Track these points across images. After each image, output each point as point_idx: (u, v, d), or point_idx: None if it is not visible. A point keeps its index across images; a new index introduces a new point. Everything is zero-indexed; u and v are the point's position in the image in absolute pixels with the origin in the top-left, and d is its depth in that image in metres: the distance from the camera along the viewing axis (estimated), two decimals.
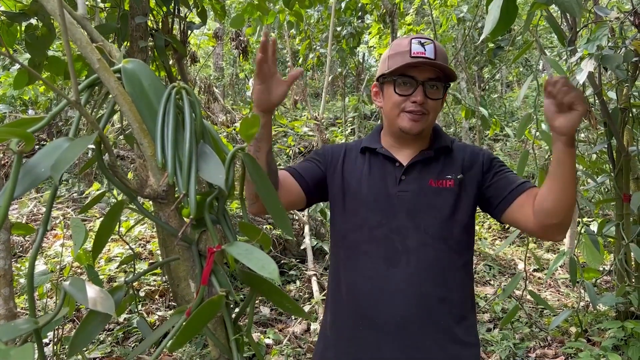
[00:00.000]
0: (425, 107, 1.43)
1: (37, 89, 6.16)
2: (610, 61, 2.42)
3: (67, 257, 4.14)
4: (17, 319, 0.82)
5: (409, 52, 1.43)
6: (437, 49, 1.43)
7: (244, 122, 0.98)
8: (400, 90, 1.45)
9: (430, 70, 1.42)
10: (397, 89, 1.45)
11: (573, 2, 1.57)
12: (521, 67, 13.00)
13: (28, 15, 2.41)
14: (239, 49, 7.42)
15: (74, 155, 0.74)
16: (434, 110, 1.46)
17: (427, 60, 1.41)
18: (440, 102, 1.49)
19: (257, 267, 0.84)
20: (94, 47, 0.85)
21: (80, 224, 1.72)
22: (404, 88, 1.44)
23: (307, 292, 4.56)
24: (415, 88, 1.42)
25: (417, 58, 1.41)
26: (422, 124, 1.44)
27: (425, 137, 1.54)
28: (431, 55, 1.41)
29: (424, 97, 1.42)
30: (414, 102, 1.42)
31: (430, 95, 1.44)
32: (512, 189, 1.43)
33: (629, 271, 3.07)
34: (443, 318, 1.42)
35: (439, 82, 1.44)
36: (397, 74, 1.44)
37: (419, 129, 1.45)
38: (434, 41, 1.46)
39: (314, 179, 1.55)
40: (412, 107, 1.43)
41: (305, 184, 1.53)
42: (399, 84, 1.45)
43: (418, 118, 1.43)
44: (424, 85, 1.42)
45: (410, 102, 1.43)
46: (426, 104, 1.43)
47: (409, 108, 1.43)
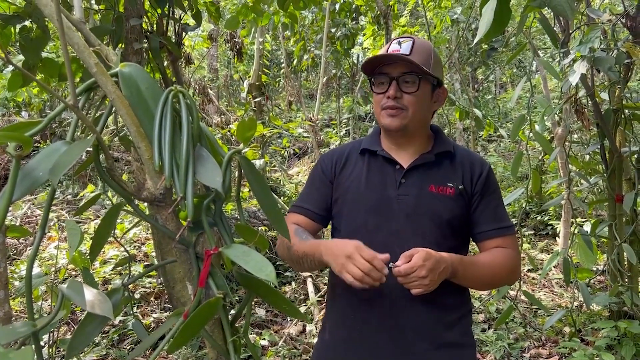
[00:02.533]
0: (400, 102, 1.44)
1: (30, 91, 6.13)
2: (603, 63, 2.44)
3: (62, 260, 4.13)
4: (15, 322, 0.83)
5: (387, 51, 1.46)
6: (415, 45, 1.44)
7: (240, 125, 0.98)
8: (377, 88, 1.48)
9: (404, 65, 1.43)
10: (374, 88, 1.49)
11: (565, 4, 1.59)
12: (515, 69, 13.05)
13: (22, 18, 2.40)
14: (233, 51, 7.41)
15: (72, 158, 0.74)
16: (413, 105, 1.44)
17: (399, 55, 1.42)
18: (423, 96, 1.47)
19: (254, 270, 0.85)
20: (91, 51, 0.86)
21: (76, 226, 1.72)
22: (381, 86, 1.47)
23: (303, 294, 4.57)
24: (389, 84, 1.44)
25: (390, 55, 1.44)
26: (400, 119, 1.44)
27: (420, 136, 1.53)
28: (406, 52, 1.43)
29: (397, 92, 1.43)
30: (388, 97, 1.44)
31: (405, 89, 1.44)
32: (490, 228, 1.49)
33: (622, 271, 3.09)
34: (439, 321, 1.44)
35: (414, 75, 1.43)
36: (374, 74, 1.48)
37: (397, 125, 1.45)
38: (415, 38, 1.47)
39: (326, 204, 1.58)
40: (387, 102, 1.44)
41: (320, 218, 1.58)
42: (377, 82, 1.48)
43: (394, 113, 1.44)
44: (397, 81, 1.43)
45: (386, 97, 1.45)
46: (402, 99, 1.44)
47: (385, 104, 1.45)
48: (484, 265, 1.45)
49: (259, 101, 7.90)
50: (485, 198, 1.50)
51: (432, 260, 1.29)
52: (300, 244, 1.46)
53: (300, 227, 1.54)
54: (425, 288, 1.30)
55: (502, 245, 1.48)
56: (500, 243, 1.48)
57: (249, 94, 8.03)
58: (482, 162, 1.55)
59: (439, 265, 1.31)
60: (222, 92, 11.95)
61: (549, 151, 3.04)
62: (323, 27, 7.42)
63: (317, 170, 1.63)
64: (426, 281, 1.28)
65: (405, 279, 1.30)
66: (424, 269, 1.28)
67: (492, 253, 1.47)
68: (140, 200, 0.90)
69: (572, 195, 3.22)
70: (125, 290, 1.01)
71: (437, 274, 1.31)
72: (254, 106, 7.81)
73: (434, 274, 1.29)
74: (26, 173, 0.77)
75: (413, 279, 1.29)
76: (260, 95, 8.02)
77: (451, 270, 1.35)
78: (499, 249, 1.47)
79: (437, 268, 1.30)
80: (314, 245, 1.42)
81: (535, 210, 6.61)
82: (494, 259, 1.46)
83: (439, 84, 1.51)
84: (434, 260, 1.30)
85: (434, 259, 1.30)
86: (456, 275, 1.38)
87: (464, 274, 1.39)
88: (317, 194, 1.59)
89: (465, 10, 7.38)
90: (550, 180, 6.78)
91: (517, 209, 6.59)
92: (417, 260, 1.28)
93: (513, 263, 1.48)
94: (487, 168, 1.53)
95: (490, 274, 1.45)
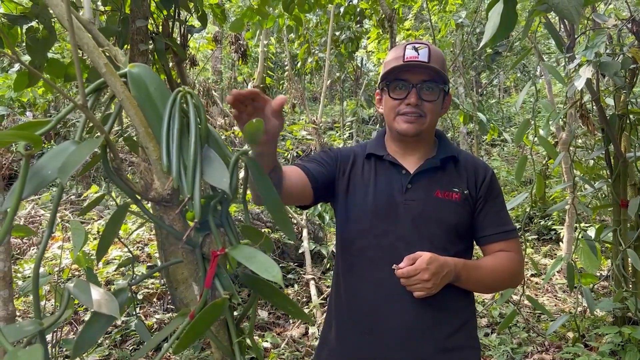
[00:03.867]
0: (420, 108, 1.44)
1: (35, 91, 6.15)
2: (608, 68, 2.44)
3: (65, 260, 4.14)
4: (22, 321, 0.83)
5: (403, 57, 1.45)
6: (431, 52, 1.44)
7: (247, 127, 0.98)
8: (394, 94, 1.47)
9: (424, 72, 1.43)
10: (392, 93, 1.47)
11: (572, 9, 1.59)
12: (519, 73, 13.05)
13: (29, 18, 2.41)
14: (238, 53, 7.44)
15: (81, 158, 0.74)
16: (431, 112, 1.46)
17: (419, 62, 1.42)
18: (439, 105, 1.49)
19: (260, 270, 0.85)
20: (101, 51, 0.86)
21: (80, 226, 1.72)
22: (398, 92, 1.46)
23: (305, 296, 4.57)
24: (409, 90, 1.44)
25: (410, 62, 1.43)
26: (418, 126, 1.45)
27: (427, 141, 1.54)
28: (424, 59, 1.43)
29: (418, 99, 1.43)
30: (408, 104, 1.44)
31: (425, 97, 1.44)
32: (493, 232, 1.49)
33: (626, 277, 3.08)
34: (445, 325, 1.44)
35: (434, 84, 1.44)
36: (391, 78, 1.47)
37: (415, 131, 1.45)
38: (429, 45, 1.47)
39: (324, 178, 1.54)
40: (406, 109, 1.44)
41: (315, 181, 1.52)
42: (393, 87, 1.47)
43: (413, 119, 1.44)
44: (417, 88, 1.43)
45: (405, 104, 1.45)
46: (421, 106, 1.44)
47: (404, 110, 1.45)
48: (488, 269, 1.45)
49: None
50: (489, 202, 1.50)
51: (436, 264, 1.31)
52: None
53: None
54: (428, 291, 1.32)
55: (505, 249, 1.49)
56: (504, 247, 1.49)
57: None
58: (486, 167, 1.56)
59: (442, 269, 1.32)
60: (226, 94, 11.97)
61: (553, 156, 3.04)
62: (327, 30, 7.42)
63: (326, 152, 1.62)
64: (428, 284, 1.31)
65: (407, 281, 1.32)
66: (427, 272, 1.30)
67: (495, 257, 1.48)
68: (148, 201, 0.90)
69: (576, 200, 3.22)
70: (130, 290, 1.01)
71: (440, 278, 1.32)
72: None
73: (436, 277, 1.31)
74: (35, 172, 0.77)
75: (415, 281, 1.31)
76: None
77: (455, 274, 1.37)
78: (502, 253, 1.48)
79: (440, 272, 1.32)
80: None
81: (539, 215, 6.59)
82: (497, 262, 1.46)
83: (447, 92, 1.52)
84: (437, 264, 1.31)
85: (438, 263, 1.32)
86: (459, 279, 1.39)
87: (468, 278, 1.40)
88: (320, 166, 1.55)
89: (469, 14, 7.38)
90: (554, 185, 6.78)
91: (520, 213, 6.58)
92: (420, 263, 1.30)
93: (516, 267, 1.49)
94: (490, 173, 1.54)
95: (494, 277, 1.46)
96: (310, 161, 1.58)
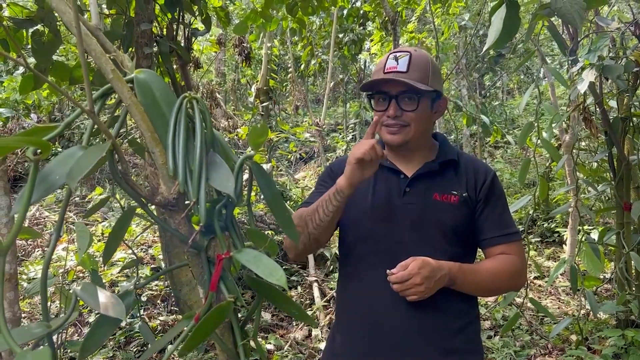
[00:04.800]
0: (402, 119, 1.45)
1: (40, 93, 6.18)
2: (611, 71, 2.44)
3: (70, 261, 4.15)
4: (30, 323, 0.84)
5: (384, 68, 1.47)
6: (412, 60, 1.45)
7: (252, 131, 1.00)
8: (377, 106, 1.49)
9: (402, 83, 1.43)
10: (375, 106, 1.50)
11: (575, 13, 1.59)
12: (522, 75, 13.04)
13: (34, 21, 2.43)
14: (241, 55, 7.46)
15: (88, 163, 0.75)
16: (415, 121, 1.45)
17: (396, 74, 1.43)
18: (424, 111, 1.48)
19: (265, 274, 0.86)
20: (108, 57, 0.87)
21: (85, 228, 1.73)
22: (380, 104, 1.48)
23: (309, 298, 4.57)
24: (389, 102, 1.45)
25: (389, 74, 1.45)
26: (402, 136, 1.46)
27: (422, 147, 1.54)
28: (403, 69, 1.44)
29: (398, 110, 1.44)
30: (388, 116, 1.45)
31: (405, 107, 1.44)
32: (494, 235, 1.49)
33: (630, 279, 3.08)
34: (447, 329, 1.44)
35: (412, 94, 1.44)
36: (374, 91, 1.49)
37: (400, 141, 1.47)
38: (411, 52, 1.47)
39: None
40: (388, 120, 1.46)
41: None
42: (376, 100, 1.50)
43: (395, 130, 1.46)
44: (397, 99, 1.44)
45: (386, 116, 1.46)
46: (402, 116, 1.45)
47: (386, 122, 1.47)
48: (486, 272, 1.45)
49: (266, 105, 7.93)
50: (490, 205, 1.50)
51: (428, 268, 1.32)
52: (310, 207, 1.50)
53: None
54: (420, 294, 1.33)
55: (506, 252, 1.48)
56: (505, 250, 1.49)
57: (257, 99, 8.06)
58: (487, 169, 1.55)
59: (435, 273, 1.33)
60: (230, 96, 12.00)
61: (557, 158, 3.04)
62: (331, 32, 7.44)
63: (326, 174, 1.65)
64: (421, 288, 1.32)
65: (400, 286, 1.33)
66: (419, 277, 1.31)
67: (495, 260, 1.48)
68: (154, 205, 0.91)
69: (579, 202, 3.22)
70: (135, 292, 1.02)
71: (433, 282, 1.33)
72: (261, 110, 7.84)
73: (429, 281, 1.32)
74: (43, 177, 0.78)
75: (408, 286, 1.32)
76: (268, 100, 8.05)
77: (449, 278, 1.37)
78: (503, 256, 1.48)
79: (433, 276, 1.33)
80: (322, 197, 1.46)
81: (542, 218, 6.58)
82: (497, 265, 1.46)
83: (438, 95, 1.51)
84: (430, 268, 1.32)
85: (430, 268, 1.33)
86: (455, 282, 1.39)
87: (464, 281, 1.41)
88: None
89: (473, 16, 7.39)
90: (557, 188, 6.77)
91: (524, 215, 6.57)
92: (412, 268, 1.32)
93: (517, 269, 1.48)
94: (492, 175, 1.54)
95: (492, 280, 1.46)
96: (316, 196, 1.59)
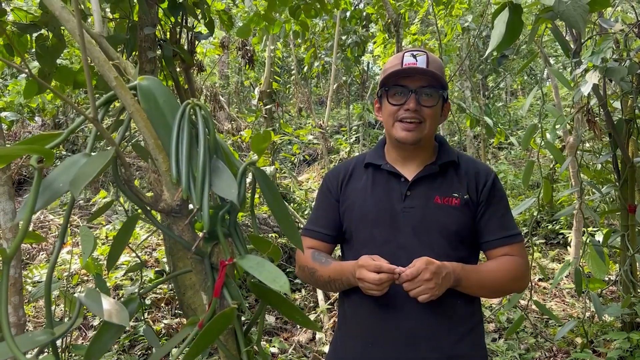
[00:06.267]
0: (419, 114, 1.44)
1: (44, 97, 6.20)
2: (615, 73, 2.43)
3: (74, 265, 4.16)
4: (34, 330, 0.84)
5: (401, 63, 1.46)
6: (429, 59, 1.45)
7: (255, 137, 1.00)
8: (393, 99, 1.47)
9: (422, 78, 1.43)
10: (390, 99, 1.48)
11: (578, 16, 1.59)
12: (526, 76, 13.01)
13: (38, 26, 2.45)
14: (244, 58, 7.46)
15: (92, 171, 0.76)
16: (430, 118, 1.45)
17: (418, 68, 1.43)
18: (438, 111, 1.49)
19: (268, 280, 0.86)
20: (111, 65, 0.87)
21: (89, 232, 1.74)
22: (397, 97, 1.47)
23: (313, 301, 4.57)
24: (408, 96, 1.44)
25: (408, 68, 1.44)
26: (417, 133, 1.45)
27: (427, 148, 1.54)
28: (423, 65, 1.44)
29: (417, 105, 1.43)
30: (407, 109, 1.44)
31: (424, 102, 1.44)
32: (496, 237, 1.49)
33: (635, 282, 3.07)
34: (449, 333, 1.44)
35: (433, 89, 1.44)
36: (390, 84, 1.47)
37: (415, 138, 1.45)
38: (427, 52, 1.47)
39: (335, 223, 1.59)
40: (405, 114, 1.44)
41: (333, 238, 1.60)
42: (392, 93, 1.47)
43: (412, 127, 1.44)
44: (416, 93, 1.43)
45: (404, 110, 1.45)
46: (420, 112, 1.44)
47: (403, 116, 1.45)
48: (489, 273, 1.45)
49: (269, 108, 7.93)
50: (492, 207, 1.49)
51: (434, 265, 1.32)
52: (323, 269, 1.51)
53: (316, 251, 1.56)
54: (432, 292, 1.31)
55: (509, 254, 1.48)
56: (507, 251, 1.48)
57: (260, 101, 8.07)
58: (487, 171, 1.54)
59: (441, 270, 1.33)
60: (233, 99, 12.02)
61: (560, 160, 3.03)
62: (334, 34, 7.45)
63: (324, 189, 1.64)
64: (431, 284, 1.30)
65: (411, 284, 1.32)
66: (428, 272, 1.30)
67: (498, 261, 1.47)
68: (158, 211, 0.92)
69: (583, 204, 3.21)
70: (140, 298, 1.03)
71: (441, 279, 1.33)
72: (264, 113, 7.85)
73: (437, 277, 1.32)
74: (47, 184, 0.79)
75: (419, 283, 1.31)
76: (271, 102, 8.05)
77: (454, 277, 1.37)
78: (505, 257, 1.47)
79: (440, 273, 1.33)
80: (337, 269, 1.48)
81: (546, 219, 6.57)
82: (499, 266, 1.46)
83: (445, 99, 1.52)
84: (435, 265, 1.33)
85: (436, 265, 1.33)
86: (460, 283, 1.39)
87: (468, 281, 1.40)
88: (326, 215, 1.60)
89: (476, 18, 7.38)
90: (561, 189, 6.75)
91: (528, 217, 6.56)
92: (420, 264, 1.31)
93: (519, 270, 1.48)
94: (493, 176, 1.53)
95: (495, 281, 1.45)
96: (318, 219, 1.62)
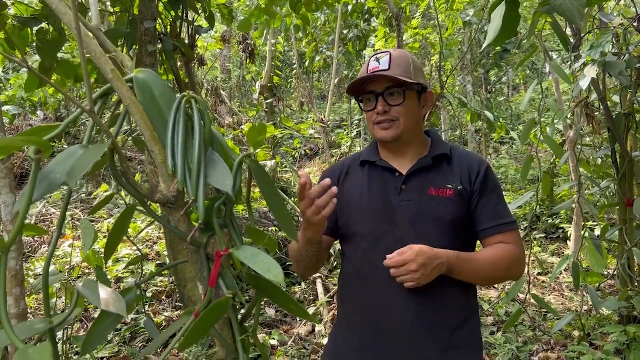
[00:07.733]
0: (390, 114, 1.51)
1: (46, 91, 6.22)
2: (614, 67, 2.44)
3: (76, 258, 4.19)
4: (32, 319, 0.86)
5: (367, 70, 1.54)
6: (392, 58, 1.51)
7: (251, 130, 1.01)
8: (365, 106, 1.56)
9: (385, 79, 1.50)
10: (363, 106, 1.57)
11: (574, 10, 1.60)
12: (527, 70, 12.99)
13: (39, 20, 2.45)
14: (245, 52, 7.47)
15: (88, 162, 0.77)
16: (403, 115, 1.51)
17: (379, 72, 1.49)
18: (411, 104, 1.53)
19: (262, 270, 0.87)
20: (107, 58, 0.89)
21: (90, 225, 1.76)
22: (369, 103, 1.55)
23: (312, 294, 4.59)
24: (376, 100, 1.51)
25: (372, 73, 1.51)
26: (393, 130, 1.51)
27: (414, 142, 1.58)
28: (385, 66, 1.50)
29: (385, 106, 1.50)
30: (378, 113, 1.51)
31: (392, 102, 1.50)
32: (490, 225, 1.51)
33: (632, 275, 3.08)
34: (445, 323, 1.46)
35: (397, 88, 1.50)
36: (361, 92, 1.56)
37: (393, 135, 1.52)
38: (391, 51, 1.53)
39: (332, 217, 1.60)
40: (378, 117, 1.52)
41: (330, 230, 1.62)
42: (365, 101, 1.56)
43: (387, 126, 1.52)
44: (383, 95, 1.50)
45: (376, 113, 1.52)
46: (391, 112, 1.51)
47: (377, 119, 1.53)
48: (484, 260, 1.47)
49: (270, 102, 7.94)
50: (485, 196, 1.52)
51: (425, 255, 1.35)
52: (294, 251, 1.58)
53: None
54: (417, 281, 1.36)
55: (504, 241, 1.50)
56: (502, 239, 1.50)
57: (261, 95, 8.07)
58: (480, 161, 1.57)
59: (431, 260, 1.36)
60: (234, 93, 12.02)
61: (559, 155, 3.04)
62: (335, 28, 7.44)
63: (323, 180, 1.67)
64: (417, 275, 1.34)
65: (396, 271, 1.36)
66: (414, 264, 1.34)
67: (493, 248, 1.50)
68: (153, 202, 0.93)
69: (582, 198, 3.21)
70: (138, 289, 1.04)
71: (430, 269, 1.35)
72: (265, 107, 7.85)
73: (425, 268, 1.35)
74: (44, 175, 0.80)
75: (403, 271, 1.35)
76: (272, 96, 8.06)
77: (447, 266, 1.39)
78: (500, 244, 1.50)
79: (429, 264, 1.35)
80: None
81: (546, 213, 6.58)
82: (495, 253, 1.48)
83: (423, 89, 1.56)
84: (426, 256, 1.35)
85: (427, 255, 1.35)
86: (453, 270, 1.41)
87: (461, 269, 1.42)
88: None
89: (477, 12, 7.35)
90: (561, 183, 6.75)
91: (528, 211, 6.57)
92: (409, 255, 1.35)
93: (515, 257, 1.50)
94: (485, 166, 1.56)
95: (490, 268, 1.47)
96: None
